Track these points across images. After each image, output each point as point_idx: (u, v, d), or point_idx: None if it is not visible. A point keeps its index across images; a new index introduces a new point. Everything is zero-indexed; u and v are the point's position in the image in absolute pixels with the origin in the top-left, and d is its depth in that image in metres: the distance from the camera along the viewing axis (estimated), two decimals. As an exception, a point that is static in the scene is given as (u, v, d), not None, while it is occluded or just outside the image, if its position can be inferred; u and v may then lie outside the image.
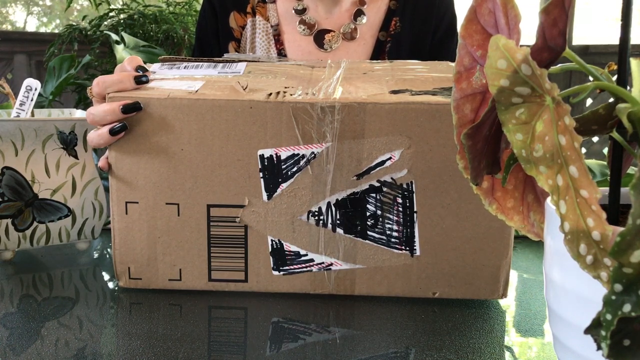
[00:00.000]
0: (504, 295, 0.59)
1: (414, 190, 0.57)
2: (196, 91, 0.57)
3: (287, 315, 0.57)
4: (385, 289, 0.59)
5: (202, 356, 0.48)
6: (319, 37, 0.98)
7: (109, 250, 0.77)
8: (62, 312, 0.57)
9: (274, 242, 0.59)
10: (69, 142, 0.70)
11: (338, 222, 0.58)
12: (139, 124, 0.57)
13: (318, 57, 0.98)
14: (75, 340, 0.51)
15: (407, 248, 0.58)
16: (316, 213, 0.58)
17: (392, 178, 0.57)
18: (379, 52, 0.99)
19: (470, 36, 0.36)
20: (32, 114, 0.76)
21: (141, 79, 0.59)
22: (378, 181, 0.57)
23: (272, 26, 1.00)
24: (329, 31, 0.98)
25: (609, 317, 0.25)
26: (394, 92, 0.57)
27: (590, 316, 0.26)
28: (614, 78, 0.33)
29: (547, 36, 0.31)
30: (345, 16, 0.99)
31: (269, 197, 0.58)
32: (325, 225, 0.58)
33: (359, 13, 0.99)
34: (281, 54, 0.99)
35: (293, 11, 0.99)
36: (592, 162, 0.94)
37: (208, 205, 0.59)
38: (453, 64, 0.38)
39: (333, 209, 0.58)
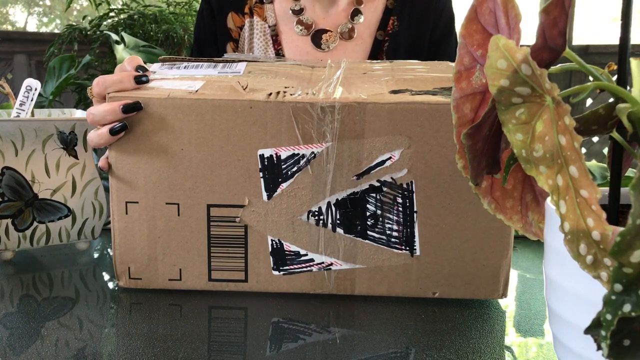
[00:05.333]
0: (504, 295, 0.59)
1: (414, 190, 0.57)
2: (196, 91, 0.57)
3: (287, 315, 0.57)
4: (385, 289, 0.59)
5: (202, 356, 0.48)
6: (317, 37, 0.98)
7: (109, 250, 0.77)
8: (62, 312, 0.57)
9: (274, 242, 0.59)
10: (69, 142, 0.70)
11: (338, 222, 0.58)
12: (139, 123, 0.57)
13: (316, 57, 0.98)
14: (75, 340, 0.51)
15: (407, 248, 0.58)
16: (316, 213, 0.58)
17: (392, 178, 0.57)
18: (376, 52, 0.99)
19: (470, 35, 0.36)
20: (32, 114, 0.76)
21: (141, 79, 0.59)
22: (378, 181, 0.57)
23: (269, 26, 1.00)
24: (326, 31, 0.98)
25: (609, 317, 0.25)
26: (394, 92, 0.57)
27: (590, 316, 0.26)
28: (614, 78, 0.33)
29: (547, 36, 0.31)
30: (343, 16, 0.99)
31: (269, 197, 0.58)
32: (325, 225, 0.58)
33: (356, 12, 0.99)
34: (279, 54, 0.99)
35: (290, 12, 0.99)
36: (592, 165, 0.94)
37: (208, 205, 0.59)
38: (453, 64, 0.38)
39: (333, 208, 0.58)
